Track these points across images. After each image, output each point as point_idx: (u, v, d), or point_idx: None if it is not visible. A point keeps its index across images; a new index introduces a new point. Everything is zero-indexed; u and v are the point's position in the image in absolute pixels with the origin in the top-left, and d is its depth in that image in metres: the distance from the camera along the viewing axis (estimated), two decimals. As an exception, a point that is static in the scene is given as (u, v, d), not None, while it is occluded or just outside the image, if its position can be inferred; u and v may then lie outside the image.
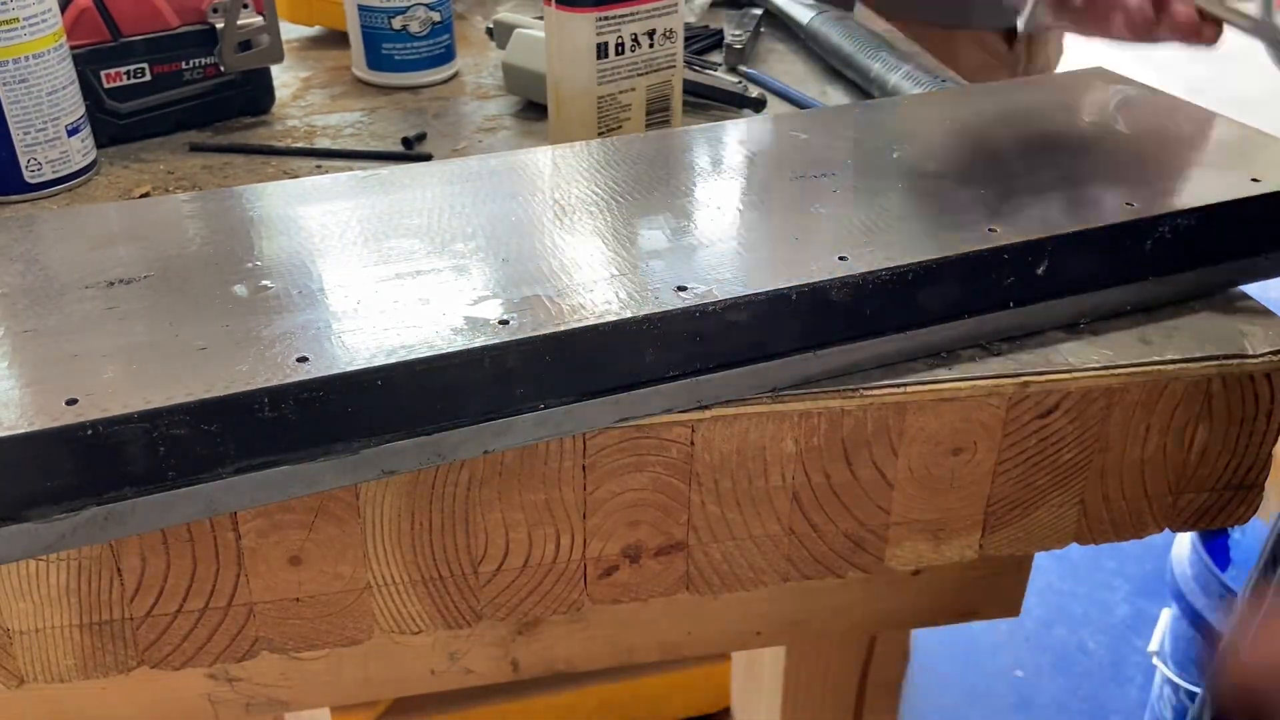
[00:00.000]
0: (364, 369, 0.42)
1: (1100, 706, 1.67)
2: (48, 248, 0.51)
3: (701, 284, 0.47)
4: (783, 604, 0.62)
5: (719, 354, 0.47)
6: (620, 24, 0.68)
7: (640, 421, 0.47)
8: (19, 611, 0.47)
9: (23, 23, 0.64)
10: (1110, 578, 1.91)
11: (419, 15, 0.82)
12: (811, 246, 0.50)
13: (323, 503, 0.47)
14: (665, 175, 0.56)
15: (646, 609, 0.60)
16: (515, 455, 0.47)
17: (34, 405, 0.40)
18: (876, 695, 0.75)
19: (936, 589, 0.63)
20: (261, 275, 0.48)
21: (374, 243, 0.50)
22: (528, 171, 0.57)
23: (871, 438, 0.50)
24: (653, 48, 0.69)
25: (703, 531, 0.51)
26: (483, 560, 0.50)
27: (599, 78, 0.69)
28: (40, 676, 0.49)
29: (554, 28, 0.69)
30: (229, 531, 0.46)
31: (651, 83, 0.71)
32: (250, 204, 0.55)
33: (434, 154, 0.74)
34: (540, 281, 0.47)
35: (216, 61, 0.76)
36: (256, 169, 0.72)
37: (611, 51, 0.68)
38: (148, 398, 0.40)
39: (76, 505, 0.40)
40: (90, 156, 0.71)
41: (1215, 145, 0.61)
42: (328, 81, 0.87)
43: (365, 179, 0.57)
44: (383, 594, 0.50)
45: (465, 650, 0.60)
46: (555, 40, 0.69)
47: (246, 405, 0.41)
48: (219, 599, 0.48)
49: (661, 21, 0.69)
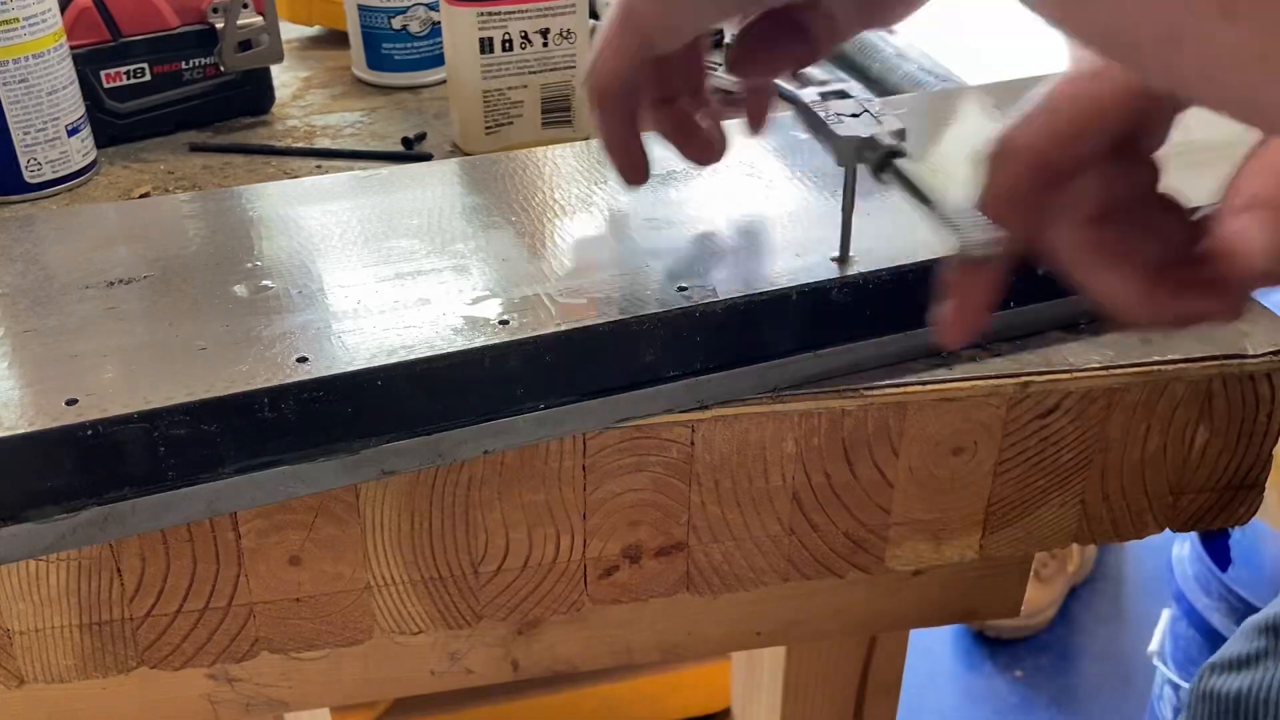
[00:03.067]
0: (364, 369, 0.42)
1: (1100, 706, 1.67)
2: (48, 248, 0.51)
3: (702, 284, 0.47)
4: (783, 604, 0.62)
5: (719, 354, 0.47)
6: (506, 20, 0.69)
7: (640, 421, 0.47)
8: (19, 612, 0.47)
9: (23, 23, 0.64)
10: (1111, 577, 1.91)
11: (419, 15, 0.82)
12: (812, 246, 0.50)
13: (323, 503, 0.47)
14: (666, 174, 0.56)
15: (646, 609, 0.60)
16: (515, 455, 0.47)
17: (34, 405, 0.40)
18: (876, 695, 0.75)
19: (936, 589, 0.63)
20: (261, 275, 0.48)
21: (374, 243, 0.50)
22: (527, 171, 0.57)
23: (872, 438, 0.50)
24: (547, 46, 0.70)
25: (703, 532, 0.51)
26: (483, 560, 0.50)
27: (483, 73, 0.70)
28: (40, 677, 0.49)
29: (445, 22, 0.71)
30: (229, 531, 0.46)
31: (547, 82, 0.71)
32: (250, 204, 0.55)
33: (434, 154, 0.74)
34: (540, 281, 0.47)
35: (216, 61, 0.76)
36: (256, 169, 0.72)
37: (497, 47, 0.69)
38: (148, 398, 0.40)
39: (76, 505, 0.40)
40: (90, 156, 0.71)
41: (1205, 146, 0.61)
42: (328, 81, 0.87)
43: (365, 179, 0.57)
44: (383, 594, 0.50)
45: (465, 650, 0.59)
46: (448, 34, 0.71)
47: (246, 405, 0.41)
48: (219, 599, 0.48)
49: (557, 21, 0.70)
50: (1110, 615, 1.83)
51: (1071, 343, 0.52)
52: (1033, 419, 0.51)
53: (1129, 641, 1.77)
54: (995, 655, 1.75)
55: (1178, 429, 0.52)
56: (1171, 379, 0.51)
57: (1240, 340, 0.52)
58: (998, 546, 0.54)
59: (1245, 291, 0.37)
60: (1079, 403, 0.51)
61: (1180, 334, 0.51)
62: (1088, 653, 1.76)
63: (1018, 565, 0.64)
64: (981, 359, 0.51)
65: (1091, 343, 0.52)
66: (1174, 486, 0.54)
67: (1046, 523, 0.54)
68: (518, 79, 0.71)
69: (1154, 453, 0.53)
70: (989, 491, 0.53)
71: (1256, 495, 0.55)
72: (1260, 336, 0.52)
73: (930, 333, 0.41)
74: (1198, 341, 0.52)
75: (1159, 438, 0.52)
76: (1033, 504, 0.53)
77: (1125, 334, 0.52)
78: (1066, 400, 0.50)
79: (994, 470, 0.52)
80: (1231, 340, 0.52)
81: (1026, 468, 0.52)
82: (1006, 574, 0.64)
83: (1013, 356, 0.51)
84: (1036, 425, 0.51)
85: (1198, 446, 0.53)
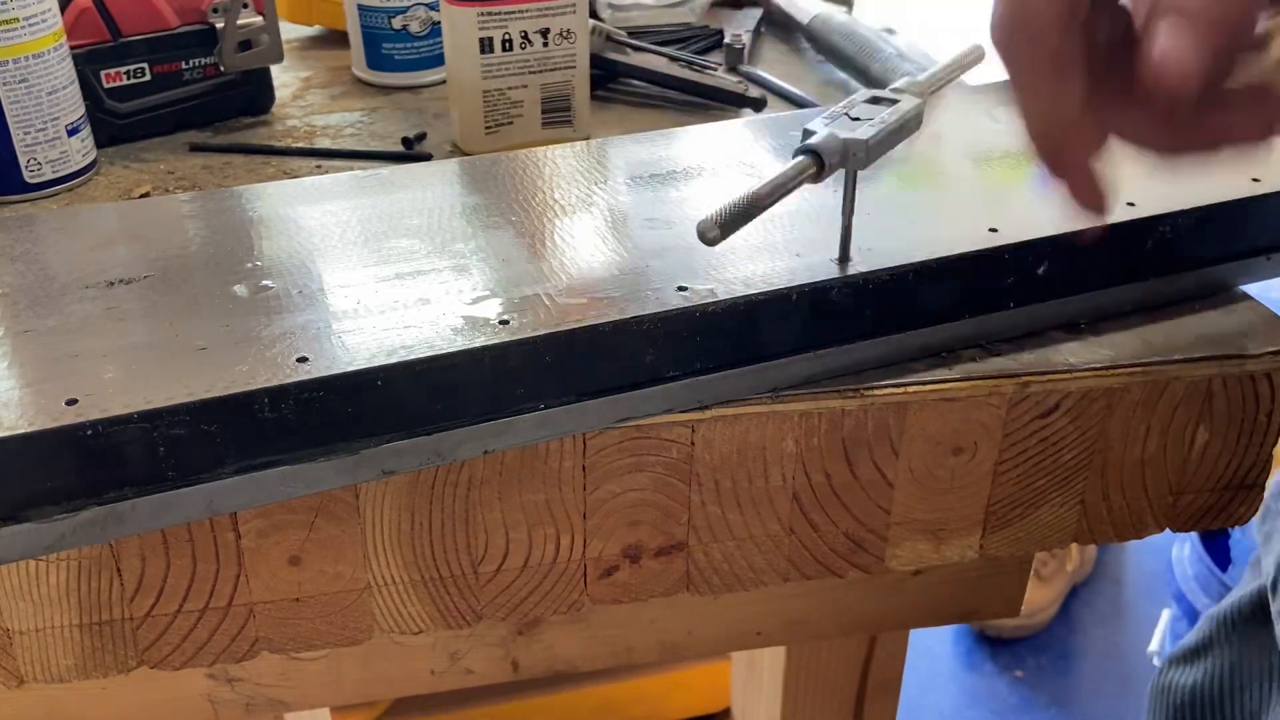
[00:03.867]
0: (364, 369, 0.42)
1: (1100, 707, 1.67)
2: (47, 248, 0.51)
3: (702, 284, 0.47)
4: (783, 604, 0.62)
5: (719, 354, 0.47)
6: (506, 20, 0.69)
7: (640, 421, 0.47)
8: (19, 611, 0.47)
9: (23, 23, 0.64)
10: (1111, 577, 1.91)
11: (419, 15, 0.82)
12: (812, 246, 0.50)
13: (322, 503, 0.47)
14: (666, 174, 0.56)
15: (646, 609, 0.60)
16: (515, 455, 0.47)
17: (34, 405, 0.40)
18: (876, 695, 0.75)
19: (936, 589, 0.63)
20: (261, 275, 0.48)
21: (374, 243, 0.50)
22: (528, 171, 0.57)
23: (872, 438, 0.50)
24: (547, 46, 0.70)
25: (703, 532, 0.51)
26: (483, 560, 0.50)
27: (484, 72, 0.70)
28: (40, 676, 0.49)
29: (446, 21, 0.71)
30: (229, 532, 0.46)
31: (547, 82, 0.71)
32: (250, 204, 0.55)
33: (434, 154, 0.74)
34: (540, 281, 0.47)
35: (216, 61, 0.76)
36: (256, 169, 0.72)
37: (498, 47, 0.69)
38: (148, 398, 0.40)
39: (76, 505, 0.40)
40: (90, 156, 0.71)
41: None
42: (328, 81, 0.87)
43: (365, 179, 0.57)
44: (383, 594, 0.50)
45: (465, 650, 0.60)
46: (448, 34, 0.71)
47: (246, 405, 0.41)
48: (219, 599, 0.48)
49: (557, 21, 0.70)
50: (1110, 615, 1.83)
51: (1071, 343, 0.52)
52: (1033, 419, 0.51)
53: (1129, 641, 1.77)
54: (995, 655, 1.75)
55: (1178, 429, 0.52)
56: (1171, 379, 0.51)
57: (1240, 340, 0.52)
58: (998, 546, 0.54)
59: (1266, 107, 0.35)
60: (1079, 403, 0.51)
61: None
62: (1088, 652, 1.76)
63: (1018, 565, 0.64)
64: (981, 359, 0.51)
65: (1091, 343, 0.52)
66: (1174, 486, 0.54)
67: (1046, 523, 0.54)
68: (518, 79, 0.71)
69: (1154, 453, 0.53)
70: (989, 491, 0.53)
71: (1256, 495, 0.55)
72: (1260, 336, 0.52)
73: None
74: (1197, 341, 0.52)
75: (1159, 438, 0.52)
76: (1033, 504, 0.53)
77: (1124, 333, 0.52)
78: (1066, 400, 0.50)
79: (994, 470, 0.52)
80: (1231, 340, 0.52)
81: (1026, 468, 0.52)
82: (1006, 574, 0.64)
83: (1013, 356, 0.51)
84: (1036, 425, 0.51)
85: (1198, 446, 0.53)
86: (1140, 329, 0.53)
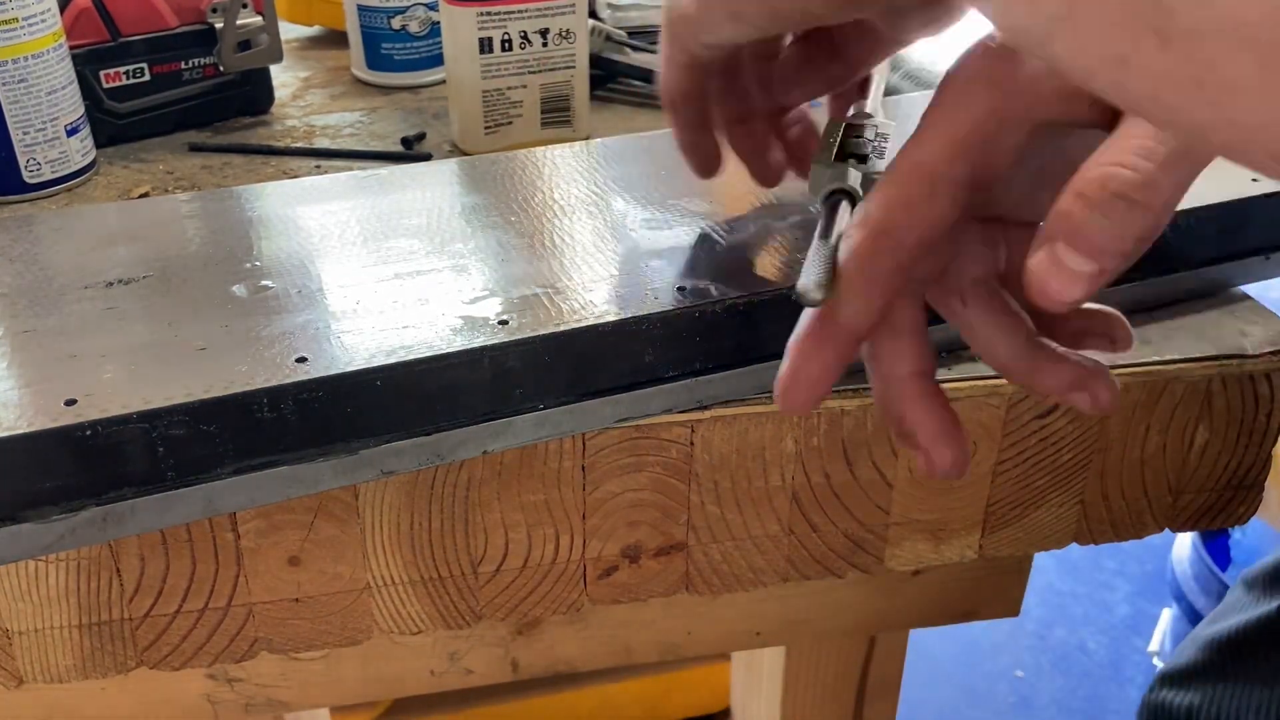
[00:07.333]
0: (363, 369, 0.42)
1: (1100, 707, 1.67)
2: (47, 248, 0.51)
3: (702, 284, 0.47)
4: (783, 604, 0.62)
5: (719, 354, 0.47)
6: (505, 20, 0.69)
7: (640, 421, 0.47)
8: (18, 612, 0.47)
9: (22, 23, 0.64)
10: (1110, 578, 1.91)
11: (419, 15, 0.82)
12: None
13: (322, 503, 0.47)
14: (666, 174, 0.56)
15: (646, 609, 0.60)
16: (515, 455, 0.47)
17: (33, 405, 0.40)
18: (876, 695, 0.75)
19: (936, 589, 0.63)
20: (261, 275, 0.48)
21: (373, 243, 0.50)
22: (527, 171, 0.57)
23: (871, 438, 0.50)
24: (546, 46, 0.70)
25: (702, 532, 0.51)
26: (482, 560, 0.50)
27: (483, 73, 0.70)
28: (39, 677, 0.49)
29: (445, 21, 0.71)
30: (228, 532, 0.46)
31: (546, 82, 0.71)
32: (250, 204, 0.55)
33: (433, 154, 0.74)
34: (540, 281, 0.47)
35: (216, 61, 0.76)
36: (256, 169, 0.72)
37: (497, 47, 0.69)
38: (147, 398, 0.40)
39: (76, 505, 0.40)
40: (89, 156, 0.71)
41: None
42: (327, 81, 0.87)
43: (365, 179, 0.57)
44: (382, 594, 0.50)
45: (465, 650, 0.59)
46: (447, 34, 0.71)
47: (245, 405, 0.41)
48: (218, 599, 0.48)
49: (557, 21, 0.70)
50: (1110, 615, 1.83)
51: (1071, 343, 0.52)
52: (1032, 419, 0.51)
53: (1129, 641, 1.77)
54: (995, 655, 1.75)
55: (1177, 429, 0.52)
56: (1171, 379, 0.51)
57: (1240, 340, 0.52)
58: (997, 546, 0.54)
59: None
60: (1079, 403, 0.51)
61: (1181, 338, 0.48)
62: (1088, 653, 1.76)
63: (1017, 565, 0.64)
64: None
65: (1091, 343, 0.52)
66: (1174, 486, 0.54)
67: (1046, 523, 0.54)
68: (517, 79, 0.71)
69: (1154, 453, 0.53)
70: (989, 491, 0.53)
71: (1256, 495, 0.55)
72: (1260, 336, 0.52)
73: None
74: (1197, 341, 0.52)
75: (1159, 438, 0.52)
76: (1032, 504, 0.53)
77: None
78: (1066, 400, 0.50)
79: (994, 470, 0.52)
80: (1231, 340, 0.52)
81: (1026, 468, 0.52)
82: (1006, 574, 0.64)
83: (1012, 356, 0.51)
84: (1036, 425, 0.51)
85: (1197, 446, 0.53)
86: (1140, 329, 0.53)
